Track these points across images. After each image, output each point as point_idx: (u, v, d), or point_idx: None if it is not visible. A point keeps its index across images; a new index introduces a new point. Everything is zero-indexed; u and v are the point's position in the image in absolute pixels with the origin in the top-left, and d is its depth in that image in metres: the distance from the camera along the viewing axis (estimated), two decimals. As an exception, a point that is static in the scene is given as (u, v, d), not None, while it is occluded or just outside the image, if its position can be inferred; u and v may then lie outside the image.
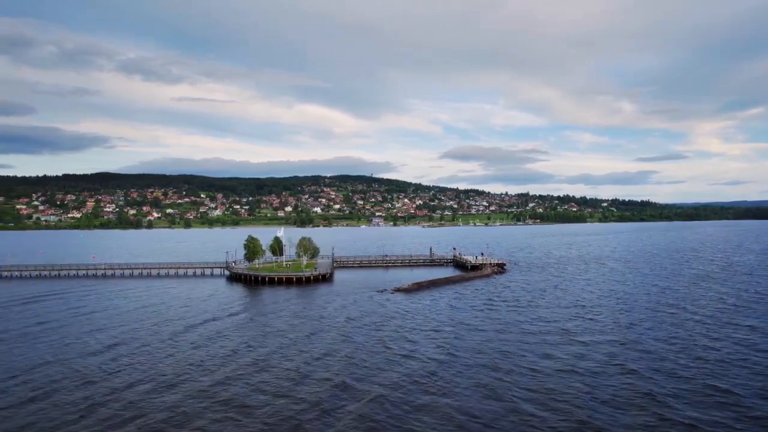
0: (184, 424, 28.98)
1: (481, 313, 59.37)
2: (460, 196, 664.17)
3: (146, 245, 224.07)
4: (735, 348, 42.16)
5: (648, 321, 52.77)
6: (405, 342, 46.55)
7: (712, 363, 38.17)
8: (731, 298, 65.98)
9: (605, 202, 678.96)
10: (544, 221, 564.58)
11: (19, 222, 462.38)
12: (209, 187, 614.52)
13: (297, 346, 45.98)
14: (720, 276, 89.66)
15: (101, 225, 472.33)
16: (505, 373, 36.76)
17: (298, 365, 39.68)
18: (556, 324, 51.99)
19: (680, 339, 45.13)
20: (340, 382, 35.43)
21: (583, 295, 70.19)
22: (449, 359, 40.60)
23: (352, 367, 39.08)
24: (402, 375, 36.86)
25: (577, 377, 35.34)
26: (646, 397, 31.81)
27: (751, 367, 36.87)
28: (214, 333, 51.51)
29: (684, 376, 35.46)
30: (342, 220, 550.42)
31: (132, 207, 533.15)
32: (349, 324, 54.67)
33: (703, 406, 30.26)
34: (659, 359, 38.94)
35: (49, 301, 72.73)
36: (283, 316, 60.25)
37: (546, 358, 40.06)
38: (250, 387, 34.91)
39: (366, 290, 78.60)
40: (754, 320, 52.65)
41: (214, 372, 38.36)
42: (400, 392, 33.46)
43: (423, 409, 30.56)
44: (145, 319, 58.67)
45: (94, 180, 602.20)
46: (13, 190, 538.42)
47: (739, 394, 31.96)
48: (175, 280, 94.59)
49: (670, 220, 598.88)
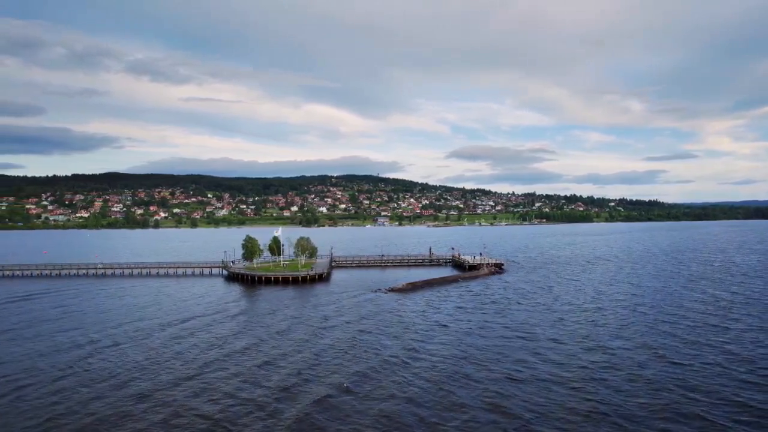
0: (125, 424, 29.27)
1: (464, 314, 59.20)
2: (466, 196, 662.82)
3: (150, 245, 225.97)
4: (709, 354, 41.73)
5: (625, 325, 51.83)
6: (372, 341, 46.76)
7: (680, 367, 38.03)
8: (720, 301, 65.43)
9: (612, 202, 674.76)
10: (550, 221, 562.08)
11: (28, 222, 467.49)
12: (216, 186, 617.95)
13: (262, 344, 46.41)
14: (716, 277, 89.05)
15: (108, 225, 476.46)
16: (461, 376, 36.45)
17: (252, 365, 39.79)
18: (533, 327, 51.21)
19: (650, 345, 44.08)
20: (281, 385, 35.16)
21: (572, 298, 69.30)
22: (410, 359, 40.81)
23: (303, 366, 39.25)
24: (350, 374, 37.00)
25: (523, 385, 34.47)
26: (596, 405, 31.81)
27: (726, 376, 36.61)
28: (188, 332, 51.82)
29: (642, 380, 35.26)
30: (347, 220, 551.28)
31: (139, 207, 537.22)
32: (327, 322, 55.22)
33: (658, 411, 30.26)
34: (617, 368, 37.45)
35: (40, 300, 73.68)
36: (267, 314, 60.87)
37: (508, 362, 39.52)
38: (198, 388, 35.04)
39: (360, 290, 78.95)
40: (734, 326, 52.28)
41: (176, 370, 38.76)
42: (341, 391, 33.77)
43: (358, 413, 30.25)
44: (130, 318, 59.28)
45: (103, 180, 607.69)
46: (22, 190, 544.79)
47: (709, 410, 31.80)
48: (172, 280, 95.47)
49: (678, 219, 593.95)
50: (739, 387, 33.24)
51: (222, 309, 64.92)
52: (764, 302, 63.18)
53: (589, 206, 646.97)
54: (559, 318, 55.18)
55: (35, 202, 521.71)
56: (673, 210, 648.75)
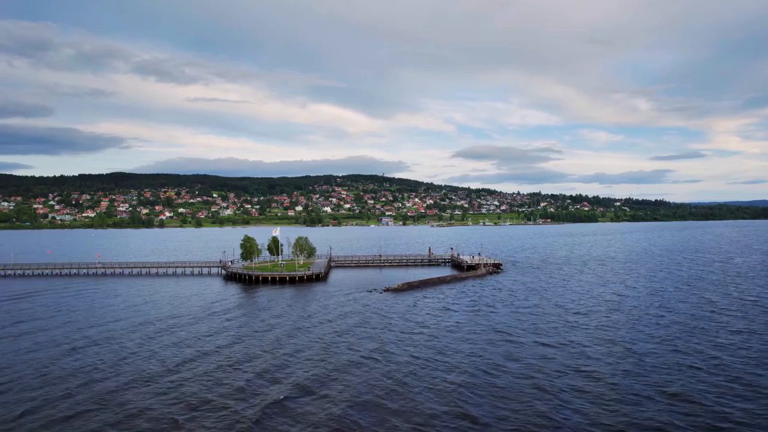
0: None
1: (451, 314, 58.85)
2: (471, 196, 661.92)
3: (153, 244, 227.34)
4: (688, 358, 41.18)
5: (606, 326, 51.16)
6: (351, 341, 46.86)
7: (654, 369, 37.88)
8: (710, 303, 64.97)
9: (618, 202, 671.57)
10: (555, 221, 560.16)
11: (35, 221, 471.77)
12: (222, 186, 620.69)
13: (239, 344, 46.68)
14: (710, 279, 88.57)
15: (114, 224, 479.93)
16: (429, 378, 36.19)
17: (223, 365, 39.94)
18: (515, 329, 50.62)
19: (629, 348, 43.70)
20: (242, 385, 35.15)
21: (561, 299, 68.48)
22: (384, 359, 40.84)
23: (271, 366, 39.33)
24: (316, 375, 37.05)
25: (491, 388, 34.07)
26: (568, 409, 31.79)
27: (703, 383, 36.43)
28: (169, 331, 52.08)
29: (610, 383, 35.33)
30: (352, 220, 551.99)
31: (145, 206, 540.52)
32: (311, 322, 55.40)
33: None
34: (591, 375, 36.65)
35: (34, 299, 74.41)
36: (255, 314, 61.26)
37: (481, 364, 39.10)
38: (173, 387, 35.43)
39: (355, 290, 79.17)
40: (719, 332, 52.01)
41: (144, 369, 39.03)
42: (297, 391, 34.00)
43: (312, 414, 30.22)
44: (116, 317, 59.69)
45: (110, 180, 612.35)
46: (30, 190, 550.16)
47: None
48: (169, 279, 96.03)
49: (685, 219, 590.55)
50: (707, 391, 32.99)
51: (211, 308, 65.29)
52: (754, 306, 62.66)
53: (594, 206, 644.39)
54: (545, 320, 54.64)
55: (42, 202, 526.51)
56: (679, 210, 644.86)
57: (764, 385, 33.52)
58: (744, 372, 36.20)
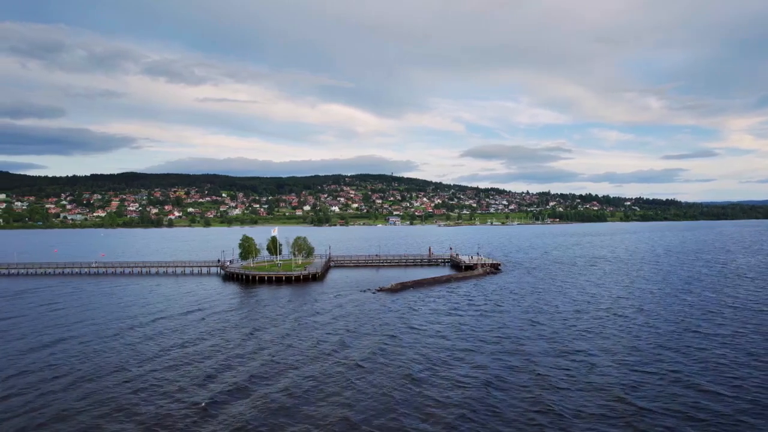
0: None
1: (438, 315, 58.58)
2: (479, 195, 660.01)
3: (159, 244, 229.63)
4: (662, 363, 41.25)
5: (595, 329, 50.47)
6: (334, 341, 47.16)
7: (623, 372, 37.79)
8: (700, 307, 64.20)
9: (628, 201, 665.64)
10: (563, 220, 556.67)
11: (47, 221, 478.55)
12: (231, 186, 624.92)
13: (219, 343, 47.11)
14: (708, 280, 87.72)
15: (124, 224, 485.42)
16: (405, 380, 36.05)
17: (198, 364, 40.23)
18: (502, 331, 50.12)
19: (611, 350, 43.57)
20: (214, 386, 35.36)
21: (555, 300, 68.15)
22: (362, 361, 40.91)
23: (248, 367, 39.54)
24: (290, 378, 37.11)
25: (468, 390, 33.63)
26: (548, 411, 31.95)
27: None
28: (155, 330, 52.64)
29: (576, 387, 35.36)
30: (359, 220, 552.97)
31: (155, 206, 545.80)
32: (298, 323, 55.69)
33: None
34: (569, 375, 36.37)
35: (26, 298, 75.65)
36: (243, 313, 61.86)
37: (460, 367, 38.46)
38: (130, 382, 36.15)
39: (350, 290, 79.50)
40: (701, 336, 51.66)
41: (119, 368, 39.61)
42: (251, 389, 34.34)
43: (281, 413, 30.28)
44: (106, 316, 60.51)
45: (121, 180, 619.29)
46: (43, 190, 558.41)
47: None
48: (167, 279, 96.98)
49: (696, 219, 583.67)
50: (683, 395, 33.01)
51: (201, 307, 65.98)
52: (749, 309, 62.08)
53: (604, 205, 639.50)
54: (533, 322, 54.23)
55: (54, 202, 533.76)
56: (690, 209, 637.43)
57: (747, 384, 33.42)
58: (730, 376, 36.06)
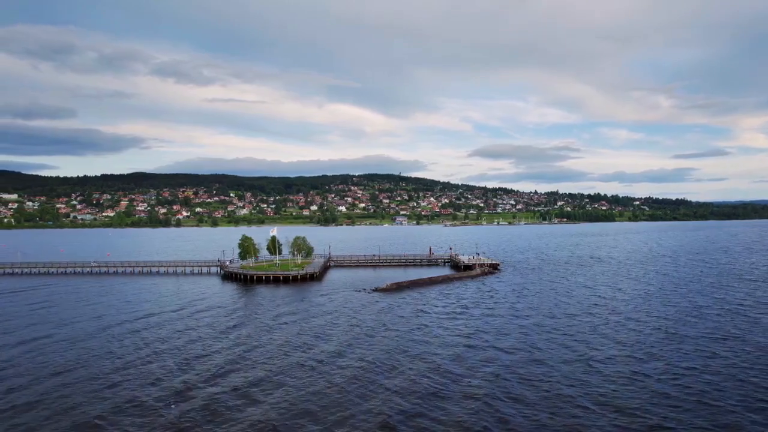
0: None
1: (423, 317, 58.34)
2: (487, 195, 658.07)
3: (164, 243, 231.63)
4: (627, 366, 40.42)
5: (576, 333, 49.40)
6: (308, 341, 47.47)
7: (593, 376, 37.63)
8: (698, 308, 63.96)
9: (637, 201, 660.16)
10: (571, 220, 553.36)
11: (57, 221, 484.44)
12: (239, 186, 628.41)
13: (196, 342, 47.55)
14: (706, 282, 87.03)
15: (132, 224, 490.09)
16: (369, 383, 35.73)
17: (168, 364, 40.55)
18: (483, 334, 49.19)
19: (587, 356, 43.01)
20: (176, 386, 35.60)
21: (543, 302, 67.50)
22: (331, 361, 40.97)
23: (217, 366, 39.85)
24: (256, 376, 37.29)
25: (432, 398, 32.57)
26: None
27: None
28: (131, 330, 53.15)
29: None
30: (366, 219, 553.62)
31: (163, 206, 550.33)
32: (279, 321, 56.14)
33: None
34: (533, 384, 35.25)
35: (17, 296, 77.09)
36: (228, 312, 62.43)
37: (430, 372, 37.85)
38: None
39: (345, 289, 79.88)
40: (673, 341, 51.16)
41: (90, 367, 40.02)
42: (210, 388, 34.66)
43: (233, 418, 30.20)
44: (92, 315, 61.33)
45: (130, 180, 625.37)
46: (54, 190, 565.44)
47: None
48: (166, 278, 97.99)
49: (706, 219, 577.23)
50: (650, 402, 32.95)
51: (191, 306, 66.78)
52: (740, 312, 61.56)
53: (612, 205, 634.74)
54: (517, 325, 53.42)
55: (65, 202, 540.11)
56: (700, 209, 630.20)
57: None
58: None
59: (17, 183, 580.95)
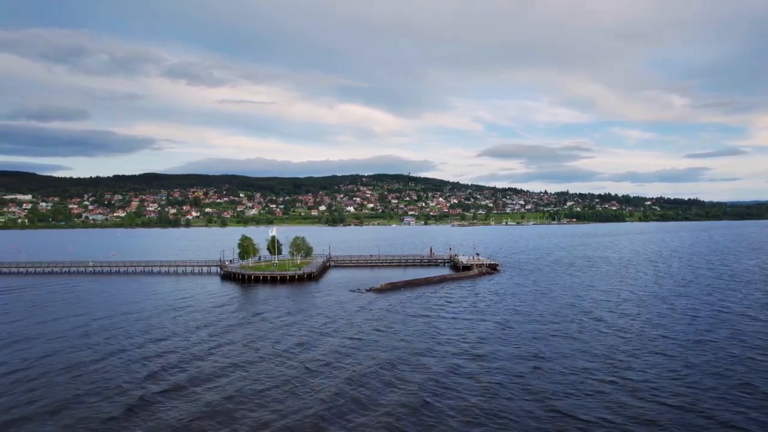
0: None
1: (407, 318, 57.88)
2: (496, 195, 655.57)
3: (171, 243, 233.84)
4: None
5: (548, 337, 48.08)
6: (270, 340, 47.92)
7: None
8: (692, 313, 63.48)
9: (649, 201, 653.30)
10: (580, 220, 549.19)
11: (69, 221, 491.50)
12: (249, 186, 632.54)
13: (168, 340, 48.23)
14: (704, 284, 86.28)
15: (143, 224, 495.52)
16: (301, 385, 35.47)
17: (136, 363, 40.79)
18: (462, 338, 47.65)
19: (540, 356, 42.81)
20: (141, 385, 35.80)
21: (539, 302, 66.85)
22: (292, 361, 41.06)
23: (180, 366, 40.07)
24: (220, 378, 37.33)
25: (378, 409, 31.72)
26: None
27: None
28: (119, 327, 54.08)
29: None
30: (374, 219, 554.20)
31: (173, 206, 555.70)
32: (261, 318, 56.71)
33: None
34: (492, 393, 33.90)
35: (12, 295, 78.69)
36: (214, 311, 63.17)
37: (388, 377, 36.89)
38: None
39: (341, 289, 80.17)
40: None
41: (50, 366, 40.44)
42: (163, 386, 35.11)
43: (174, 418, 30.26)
44: (76, 313, 62.30)
45: (142, 180, 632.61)
46: (67, 190, 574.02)
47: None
48: (168, 278, 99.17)
49: (719, 219, 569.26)
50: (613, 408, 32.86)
51: (182, 305, 67.68)
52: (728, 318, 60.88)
53: (623, 205, 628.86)
54: (501, 328, 52.09)
55: (77, 202, 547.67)
56: (713, 209, 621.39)
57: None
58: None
59: (32, 184, 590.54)
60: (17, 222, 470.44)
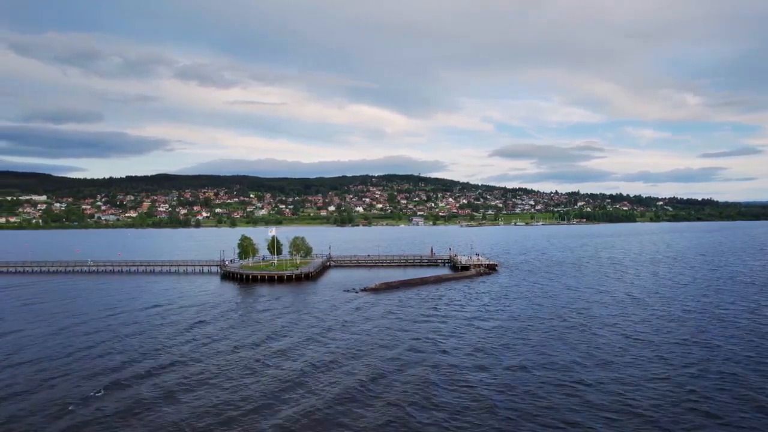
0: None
1: (394, 319, 57.73)
2: (506, 195, 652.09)
3: (178, 243, 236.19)
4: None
5: (530, 340, 47.35)
6: (247, 336, 49.00)
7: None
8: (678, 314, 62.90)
9: (661, 201, 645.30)
10: (590, 221, 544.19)
11: (82, 221, 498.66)
12: (259, 187, 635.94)
13: (152, 339, 49.11)
14: (704, 285, 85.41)
15: (153, 224, 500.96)
16: (296, 386, 35.78)
17: (115, 363, 41.30)
18: (444, 340, 47.50)
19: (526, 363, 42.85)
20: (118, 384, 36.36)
21: (535, 306, 66.05)
22: (273, 362, 41.35)
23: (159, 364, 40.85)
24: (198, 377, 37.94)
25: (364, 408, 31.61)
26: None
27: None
28: (105, 325, 55.30)
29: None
30: (382, 220, 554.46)
31: (184, 207, 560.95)
32: (245, 317, 57.24)
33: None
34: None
35: (10, 293, 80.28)
36: (205, 311, 64.08)
37: (366, 378, 36.99)
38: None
39: (336, 289, 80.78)
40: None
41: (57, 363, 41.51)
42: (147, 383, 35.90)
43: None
44: (67, 312, 63.38)
45: (154, 181, 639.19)
46: (81, 191, 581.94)
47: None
48: (169, 277, 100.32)
49: (733, 219, 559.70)
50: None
51: (172, 303, 68.96)
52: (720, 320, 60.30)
53: (635, 205, 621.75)
54: (484, 329, 51.99)
55: (91, 203, 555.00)
56: (727, 209, 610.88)
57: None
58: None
59: (47, 185, 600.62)
60: (32, 222, 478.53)
